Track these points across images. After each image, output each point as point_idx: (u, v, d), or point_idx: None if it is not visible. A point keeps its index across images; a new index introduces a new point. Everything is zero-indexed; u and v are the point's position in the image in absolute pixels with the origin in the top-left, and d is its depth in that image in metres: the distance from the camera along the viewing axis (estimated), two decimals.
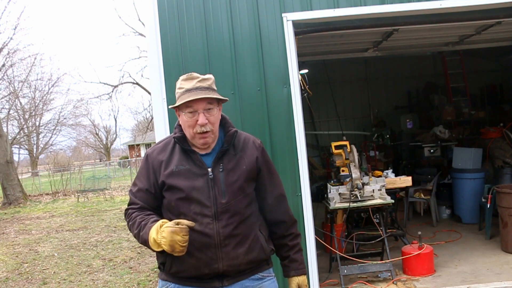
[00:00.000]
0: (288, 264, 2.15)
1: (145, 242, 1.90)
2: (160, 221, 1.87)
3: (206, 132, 1.93)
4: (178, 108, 1.96)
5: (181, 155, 2.00)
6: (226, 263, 1.94)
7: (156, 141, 4.13)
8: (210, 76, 2.00)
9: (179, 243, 1.79)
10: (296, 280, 2.12)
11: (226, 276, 1.97)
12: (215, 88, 2.00)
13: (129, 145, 46.80)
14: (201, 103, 1.91)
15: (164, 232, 1.81)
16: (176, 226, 1.81)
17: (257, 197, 2.10)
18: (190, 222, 1.85)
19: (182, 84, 1.96)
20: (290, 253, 2.14)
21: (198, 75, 1.97)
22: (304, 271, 2.15)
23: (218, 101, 1.99)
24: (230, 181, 1.97)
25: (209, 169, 1.97)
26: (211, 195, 1.94)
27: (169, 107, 2.01)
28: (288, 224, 2.14)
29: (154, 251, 1.89)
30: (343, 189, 4.73)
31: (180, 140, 2.00)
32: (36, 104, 27.55)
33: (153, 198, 2.02)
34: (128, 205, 2.07)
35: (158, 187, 2.00)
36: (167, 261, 1.97)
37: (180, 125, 2.03)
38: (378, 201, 4.69)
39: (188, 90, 1.92)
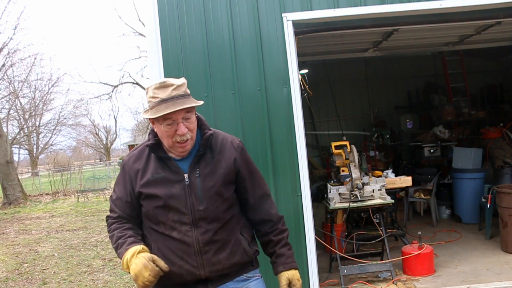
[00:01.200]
0: (275, 259, 2.08)
1: (119, 258, 1.92)
2: (140, 247, 1.86)
3: (186, 140, 1.89)
4: (154, 118, 1.87)
5: (157, 163, 1.95)
6: (208, 269, 1.92)
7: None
8: (183, 80, 1.91)
9: (144, 279, 1.79)
10: (285, 275, 2.03)
11: (209, 281, 1.96)
12: (189, 91, 1.92)
13: (129, 145, 46.73)
14: (180, 113, 1.83)
15: (138, 260, 1.80)
16: (151, 263, 1.80)
17: (238, 198, 2.06)
18: (166, 266, 1.85)
19: (155, 93, 1.85)
20: (275, 248, 2.07)
21: (171, 81, 1.87)
22: (294, 265, 2.06)
23: None
24: (207, 187, 1.92)
25: (186, 175, 1.93)
26: (188, 202, 1.91)
27: (144, 117, 1.90)
28: (273, 222, 2.08)
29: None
30: (343, 189, 4.73)
31: (154, 148, 1.95)
32: (36, 104, 27.55)
33: (130, 207, 2.00)
34: (109, 211, 2.06)
35: (134, 196, 1.97)
36: None
37: (154, 132, 1.96)
38: (378, 201, 4.69)
39: (164, 101, 1.83)
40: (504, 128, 7.00)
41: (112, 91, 30.64)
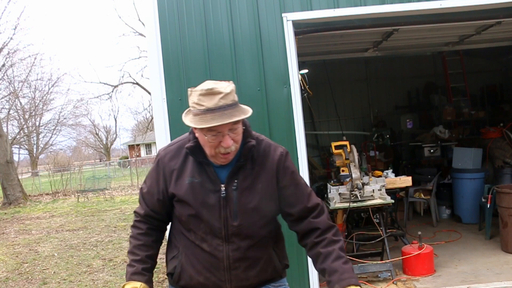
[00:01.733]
0: (328, 278, 1.76)
1: None
2: (140, 285, 1.83)
3: (230, 152, 1.73)
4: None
5: (195, 166, 1.82)
6: (235, 285, 1.83)
7: (156, 141, 4.15)
8: (232, 87, 1.70)
9: None
10: None
11: None
12: (237, 98, 1.72)
13: (129, 145, 46.81)
14: (227, 125, 1.66)
15: None
16: None
17: (281, 211, 1.90)
18: None
19: (201, 100, 1.66)
20: (326, 263, 1.77)
21: (219, 88, 1.66)
22: (351, 281, 1.71)
23: None
24: (244, 202, 1.79)
25: (222, 186, 1.79)
26: (222, 215, 1.78)
27: (187, 124, 1.72)
28: (320, 230, 1.83)
29: None
30: (343, 189, 4.73)
31: (193, 151, 1.79)
32: (36, 104, 27.58)
33: (160, 205, 1.88)
34: (137, 208, 1.99)
35: (167, 195, 1.85)
36: (175, 273, 1.89)
37: (194, 134, 1.80)
38: (378, 201, 4.70)
39: (211, 110, 1.64)
40: (504, 128, 7.00)
41: (112, 91, 30.74)
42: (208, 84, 1.69)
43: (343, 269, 1.74)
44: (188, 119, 1.73)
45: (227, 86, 1.69)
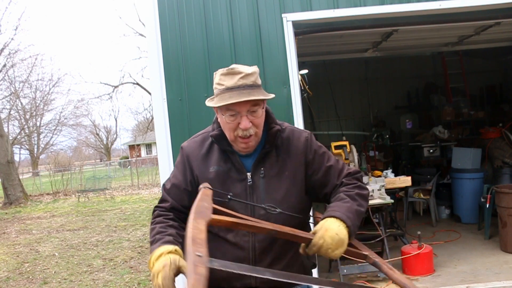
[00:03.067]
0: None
1: None
2: (173, 248, 1.55)
3: (250, 136, 1.69)
4: (218, 107, 1.69)
5: (220, 154, 1.78)
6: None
7: (157, 141, 4.17)
8: (254, 69, 1.70)
9: (160, 280, 1.45)
10: (319, 225, 1.59)
11: None
12: (260, 82, 1.72)
13: (129, 145, 46.81)
14: (245, 104, 1.64)
15: (161, 261, 1.51)
16: (170, 269, 1.48)
17: (316, 194, 1.82)
18: None
19: (221, 79, 1.67)
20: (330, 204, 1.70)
21: (241, 69, 1.67)
22: (334, 213, 1.60)
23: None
24: (271, 190, 1.73)
25: (249, 174, 1.75)
26: (249, 204, 1.73)
27: (208, 105, 1.70)
28: (341, 181, 1.78)
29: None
30: None
31: (218, 139, 1.77)
32: (37, 104, 27.63)
33: (188, 197, 1.77)
34: (159, 202, 1.85)
35: (195, 184, 1.78)
36: None
37: (218, 122, 1.77)
38: (377, 201, 4.71)
39: (229, 89, 1.64)
40: (503, 128, 7.02)
41: (113, 91, 30.71)
42: (232, 66, 1.70)
43: (336, 205, 1.67)
44: (208, 102, 1.72)
45: (249, 68, 1.69)
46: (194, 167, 1.80)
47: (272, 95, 1.72)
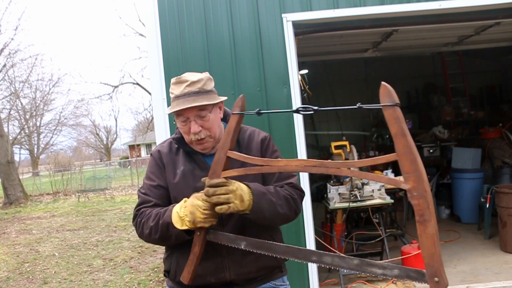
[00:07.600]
0: None
1: (165, 230, 1.73)
2: (185, 198, 1.73)
3: (202, 138, 1.81)
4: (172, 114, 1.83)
5: (185, 156, 1.90)
6: (233, 272, 1.81)
7: (157, 141, 4.16)
8: (202, 76, 1.81)
9: (200, 209, 1.64)
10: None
11: (234, 285, 1.84)
12: (209, 88, 1.81)
13: (129, 145, 46.84)
14: (191, 110, 1.75)
15: (187, 202, 1.69)
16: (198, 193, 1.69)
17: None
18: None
19: (172, 88, 1.81)
20: None
21: (188, 77, 1.79)
22: (249, 184, 1.71)
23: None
24: None
25: None
26: None
27: (166, 113, 1.89)
28: (278, 185, 1.86)
29: (173, 234, 1.72)
30: (342, 189, 4.75)
31: (180, 142, 1.90)
32: (37, 104, 27.65)
33: (168, 194, 1.88)
34: (139, 205, 1.88)
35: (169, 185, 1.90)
36: (171, 269, 1.87)
37: None
38: (377, 201, 4.71)
39: (177, 97, 1.77)
40: (503, 128, 7.02)
41: (113, 91, 30.76)
42: (182, 74, 1.81)
43: (258, 184, 1.76)
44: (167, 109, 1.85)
45: (196, 75, 1.80)
46: (167, 168, 1.91)
47: (222, 98, 1.84)
